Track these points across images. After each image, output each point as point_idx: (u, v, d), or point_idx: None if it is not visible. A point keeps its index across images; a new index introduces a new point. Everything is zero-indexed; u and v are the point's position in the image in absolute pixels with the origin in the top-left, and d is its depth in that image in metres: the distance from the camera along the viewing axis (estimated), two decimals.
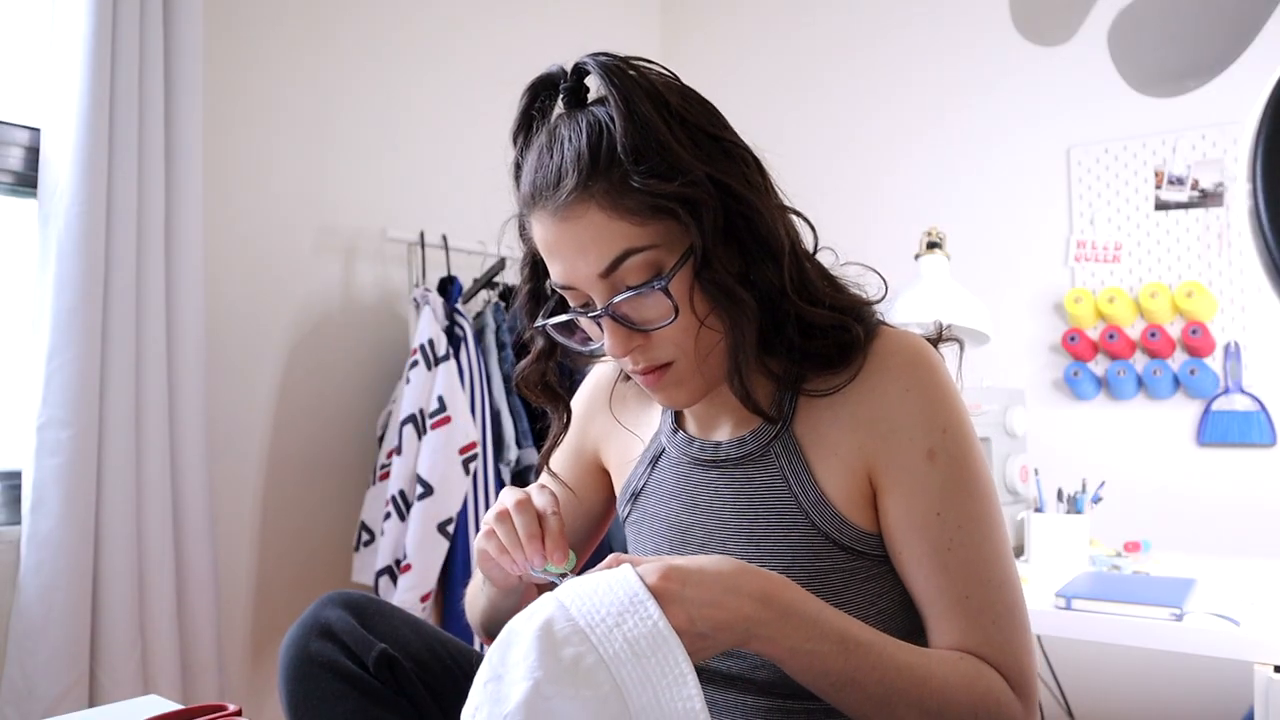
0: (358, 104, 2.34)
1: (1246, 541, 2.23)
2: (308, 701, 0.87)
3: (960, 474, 0.80)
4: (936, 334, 0.89)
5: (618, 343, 0.80)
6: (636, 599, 0.65)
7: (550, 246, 0.80)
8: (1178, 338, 2.37)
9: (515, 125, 0.86)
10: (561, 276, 0.80)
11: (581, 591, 0.66)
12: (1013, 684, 0.78)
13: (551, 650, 0.63)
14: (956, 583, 0.79)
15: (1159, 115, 2.41)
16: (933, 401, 0.81)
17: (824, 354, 0.83)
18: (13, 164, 1.80)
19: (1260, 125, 0.92)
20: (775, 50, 3.02)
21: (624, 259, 0.77)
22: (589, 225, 0.76)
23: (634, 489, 0.97)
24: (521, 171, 0.83)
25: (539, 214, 0.80)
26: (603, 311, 0.79)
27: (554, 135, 0.80)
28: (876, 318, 0.87)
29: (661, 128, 0.76)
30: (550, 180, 0.78)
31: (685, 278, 0.78)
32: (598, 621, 0.64)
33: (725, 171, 0.78)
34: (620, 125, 0.75)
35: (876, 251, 2.53)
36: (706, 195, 0.76)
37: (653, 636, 0.63)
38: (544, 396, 0.94)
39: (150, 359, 1.80)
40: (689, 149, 0.77)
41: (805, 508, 0.83)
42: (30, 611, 1.64)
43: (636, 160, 0.75)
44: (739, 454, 0.88)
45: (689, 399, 0.85)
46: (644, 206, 0.75)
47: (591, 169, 0.76)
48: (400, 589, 2.04)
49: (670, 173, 0.75)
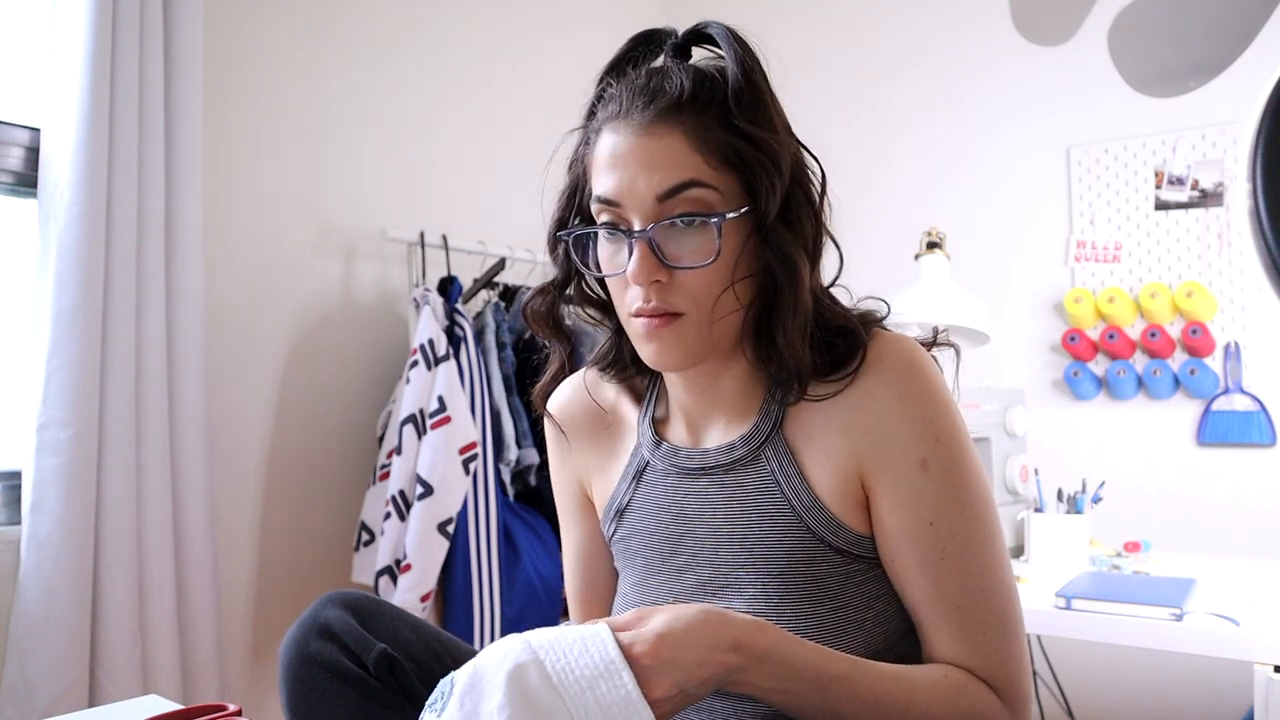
0: (357, 104, 2.34)
1: (1246, 541, 2.23)
2: (307, 701, 0.87)
3: (953, 483, 0.80)
4: (931, 339, 0.88)
5: (643, 270, 0.78)
6: (612, 666, 0.66)
7: (618, 157, 0.79)
8: (1178, 338, 2.37)
9: (608, 66, 0.87)
10: (614, 189, 0.79)
11: (558, 646, 0.67)
12: (1002, 694, 0.78)
13: (524, 703, 0.64)
14: (948, 592, 0.79)
15: (1159, 115, 2.41)
16: (926, 409, 0.80)
17: (818, 364, 0.83)
18: (13, 164, 1.80)
19: (1260, 125, 0.92)
20: (775, 48, 3.01)
21: (687, 187, 0.77)
22: (667, 146, 0.78)
23: (618, 505, 0.95)
24: (604, 100, 0.84)
25: (618, 127, 0.80)
26: (643, 232, 0.78)
27: (658, 71, 0.82)
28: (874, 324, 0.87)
29: (768, 94, 0.82)
30: (644, 98, 0.79)
31: (737, 231, 0.79)
32: (571, 681, 0.65)
33: (802, 165, 0.83)
34: (734, 78, 0.79)
35: (876, 251, 2.53)
36: (787, 165, 0.80)
37: (625, 705, 0.65)
38: (549, 330, 0.93)
39: (150, 359, 1.80)
40: (783, 129, 0.82)
41: (799, 511, 0.83)
42: (30, 611, 1.63)
43: (741, 106, 0.79)
44: (729, 460, 0.87)
45: (683, 360, 0.83)
46: (725, 152, 0.78)
47: (691, 100, 0.78)
48: (400, 589, 2.04)
49: (767, 127, 0.80)
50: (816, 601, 0.81)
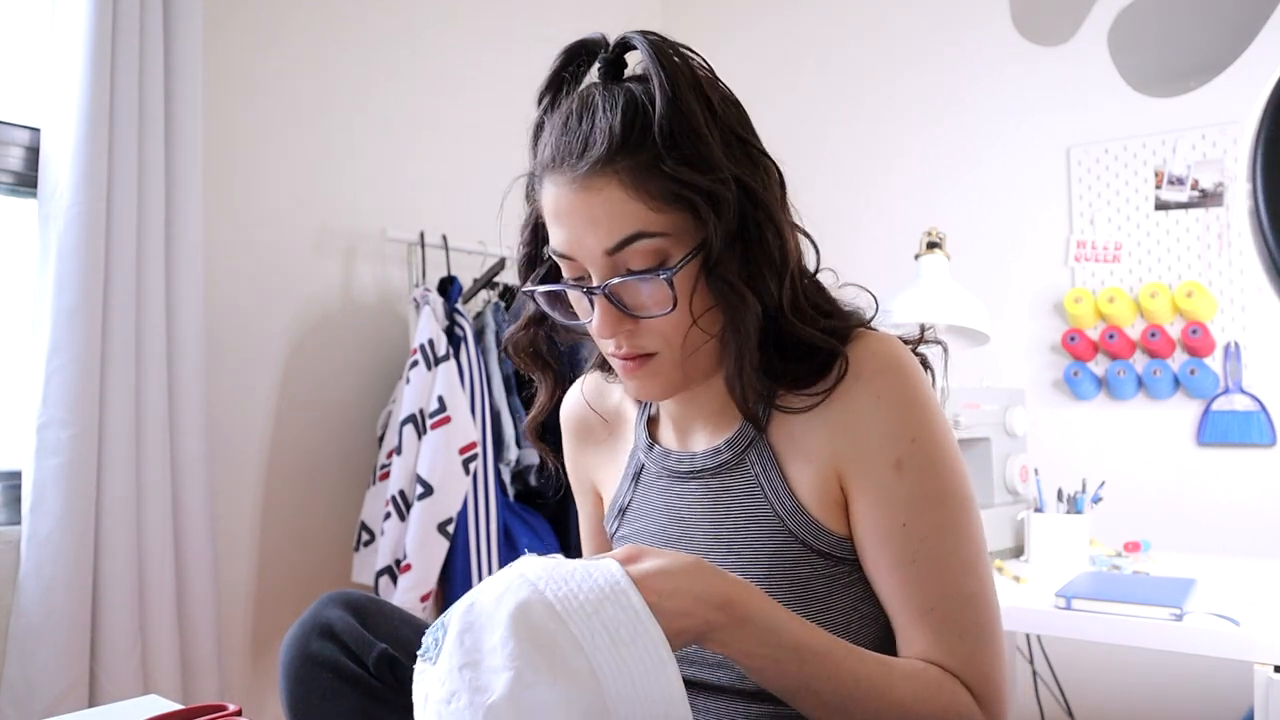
0: (358, 104, 2.34)
1: (1246, 541, 2.23)
2: (308, 701, 0.87)
3: (928, 485, 0.79)
4: (917, 337, 0.87)
5: (607, 324, 0.78)
6: (618, 588, 0.64)
7: (561, 213, 0.78)
8: (1178, 338, 2.37)
9: (544, 85, 0.84)
10: (564, 245, 0.79)
11: (558, 575, 0.65)
12: (978, 698, 0.77)
13: (530, 637, 0.62)
14: (921, 594, 0.78)
15: (1159, 115, 2.41)
16: (903, 410, 0.79)
17: (799, 374, 0.82)
18: (13, 164, 1.80)
19: (1260, 125, 0.92)
20: (775, 48, 3.02)
21: (633, 240, 0.75)
22: (606, 200, 0.75)
23: (621, 505, 0.97)
24: (542, 133, 0.82)
25: (556, 178, 0.78)
26: (599, 289, 0.77)
27: (587, 102, 0.78)
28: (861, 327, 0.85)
29: (700, 119, 0.75)
30: (576, 147, 0.76)
31: (690, 273, 0.77)
32: (575, 607, 0.63)
33: (750, 177, 0.78)
34: (660, 108, 0.74)
35: (876, 251, 2.53)
36: (730, 195, 0.76)
37: (633, 624, 0.63)
38: (532, 363, 0.93)
39: (150, 359, 1.80)
40: (721, 147, 0.77)
41: (781, 515, 0.82)
42: (30, 611, 1.64)
43: (670, 145, 0.74)
44: (714, 464, 0.87)
45: (663, 393, 0.84)
46: (666, 193, 0.75)
47: (622, 144, 0.74)
48: (400, 589, 2.04)
49: (701, 164, 0.75)
50: (801, 604, 0.81)
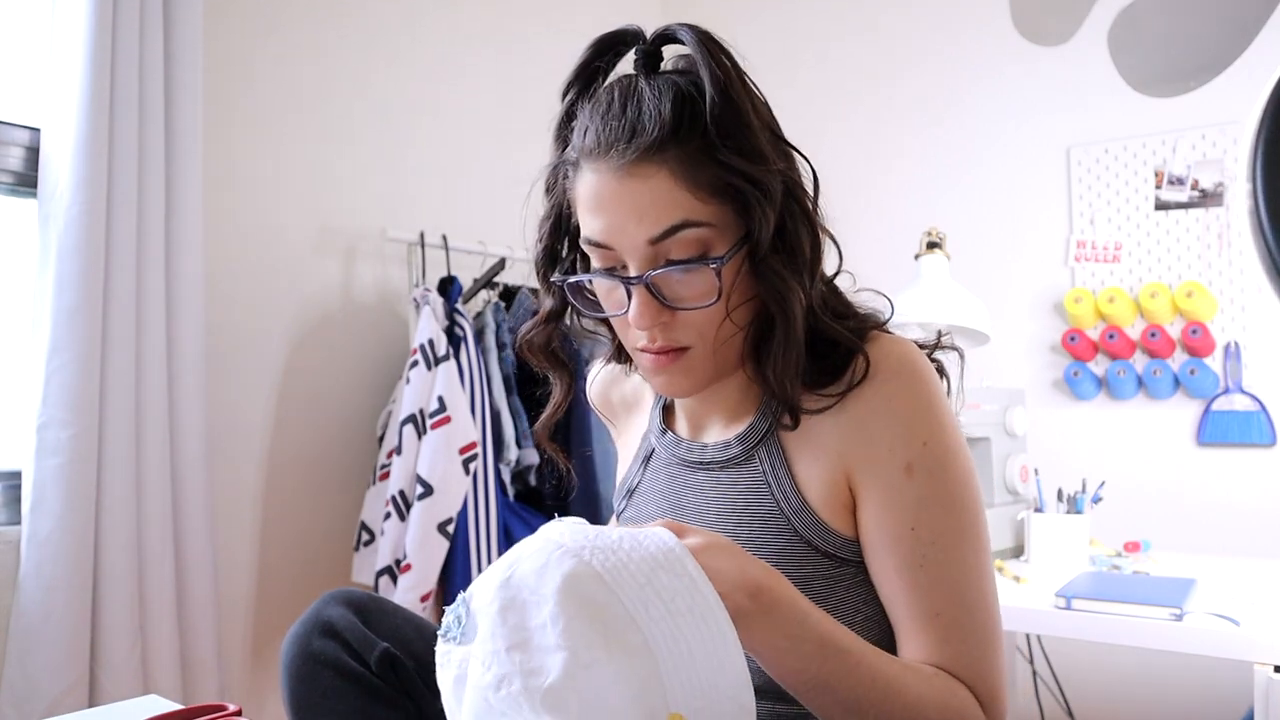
0: (357, 104, 2.34)
1: (1246, 541, 2.23)
2: (309, 700, 0.88)
3: (938, 489, 0.78)
4: (934, 342, 0.87)
5: (646, 315, 0.77)
6: (672, 555, 0.61)
7: (604, 200, 0.76)
8: (1178, 338, 2.37)
9: (573, 75, 0.83)
10: (604, 234, 0.77)
11: (603, 544, 0.61)
12: (983, 702, 0.77)
13: (580, 613, 0.57)
14: (927, 599, 0.78)
15: (1159, 115, 2.41)
16: (915, 413, 0.79)
17: (814, 373, 0.81)
18: (13, 164, 1.80)
19: (1260, 125, 0.92)
20: (775, 47, 3.02)
21: (679, 229, 0.74)
22: (654, 188, 0.74)
23: (629, 486, 0.98)
24: (575, 122, 0.80)
25: (597, 166, 0.76)
26: (640, 279, 0.76)
27: (630, 91, 0.77)
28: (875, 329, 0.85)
29: (749, 112, 0.76)
30: (623, 134, 0.75)
31: (733, 265, 0.77)
32: (626, 578, 0.59)
33: (792, 172, 0.79)
34: (711, 97, 0.74)
35: (876, 251, 2.53)
36: (778, 188, 0.76)
37: (690, 594, 0.59)
38: (548, 361, 0.92)
39: (150, 359, 1.80)
40: (769, 141, 0.78)
41: (787, 514, 0.82)
42: (30, 611, 1.63)
43: (723, 136, 0.74)
44: (724, 457, 0.87)
45: (692, 388, 0.83)
46: (715, 183, 0.75)
47: (673, 132, 0.74)
48: (400, 589, 2.04)
49: (753, 155, 0.75)
50: None
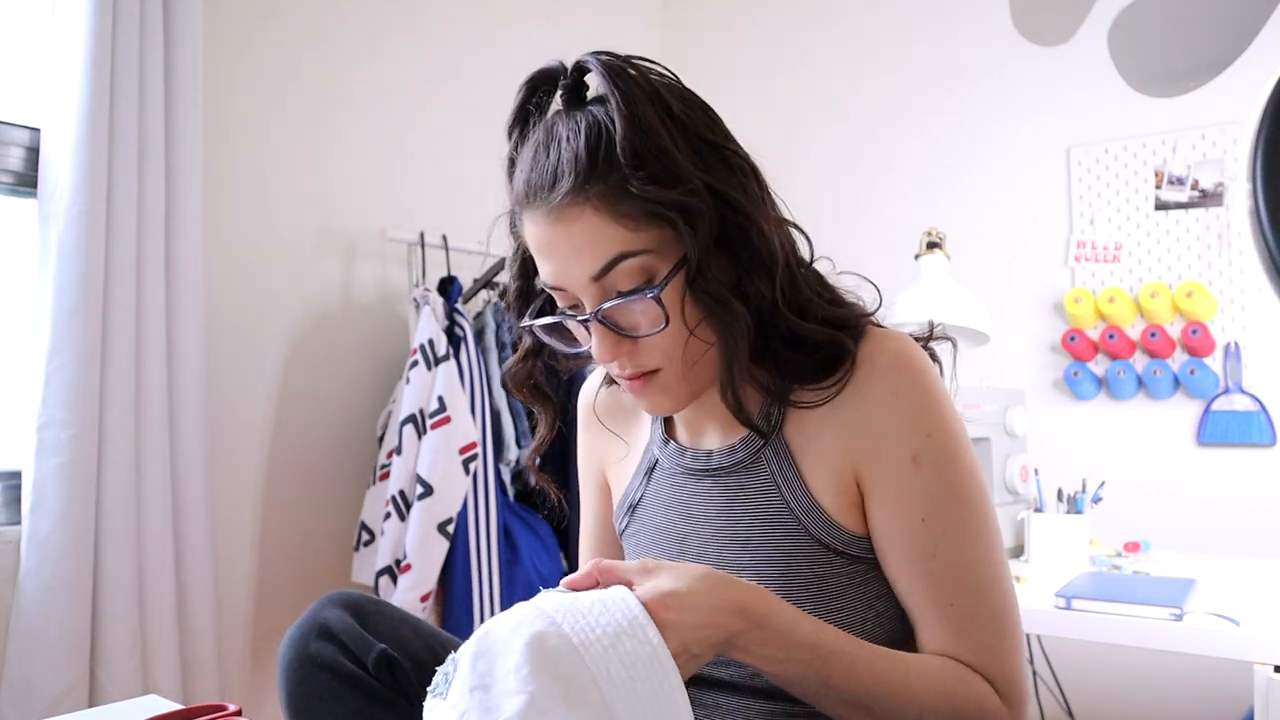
0: (358, 104, 2.34)
1: (1246, 541, 2.23)
2: (307, 702, 0.87)
3: (945, 479, 0.79)
4: (927, 334, 0.88)
5: (605, 348, 0.79)
6: (635, 622, 0.65)
7: (542, 247, 0.79)
8: (1178, 338, 2.37)
9: (510, 120, 0.84)
10: (552, 277, 0.79)
11: (575, 609, 0.66)
12: (1000, 690, 0.78)
13: (545, 666, 0.62)
14: (941, 589, 0.79)
15: (1159, 115, 2.40)
16: (917, 405, 0.80)
17: (810, 368, 0.82)
18: (13, 164, 1.80)
19: (1260, 125, 0.92)
20: (775, 49, 3.02)
21: (617, 263, 0.76)
22: (583, 228, 0.75)
23: (631, 501, 0.97)
24: (515, 168, 0.82)
25: (532, 213, 0.79)
26: (592, 316, 0.78)
27: (551, 133, 0.79)
28: (866, 319, 0.85)
29: (662, 133, 0.75)
30: (546, 180, 0.77)
31: (677, 286, 0.77)
32: (592, 640, 0.63)
33: (723, 181, 0.78)
34: (620, 128, 0.74)
35: (876, 251, 2.53)
36: (704, 205, 0.75)
37: (650, 661, 0.63)
38: (531, 396, 0.93)
39: (150, 359, 1.80)
40: (688, 156, 0.76)
41: (797, 514, 0.83)
42: (30, 611, 1.64)
43: (636, 165, 0.74)
44: (730, 462, 0.87)
45: (673, 406, 0.85)
46: (640, 212, 0.75)
47: (589, 171, 0.74)
48: (400, 589, 2.04)
49: (669, 179, 0.74)
50: (818, 602, 0.81)
